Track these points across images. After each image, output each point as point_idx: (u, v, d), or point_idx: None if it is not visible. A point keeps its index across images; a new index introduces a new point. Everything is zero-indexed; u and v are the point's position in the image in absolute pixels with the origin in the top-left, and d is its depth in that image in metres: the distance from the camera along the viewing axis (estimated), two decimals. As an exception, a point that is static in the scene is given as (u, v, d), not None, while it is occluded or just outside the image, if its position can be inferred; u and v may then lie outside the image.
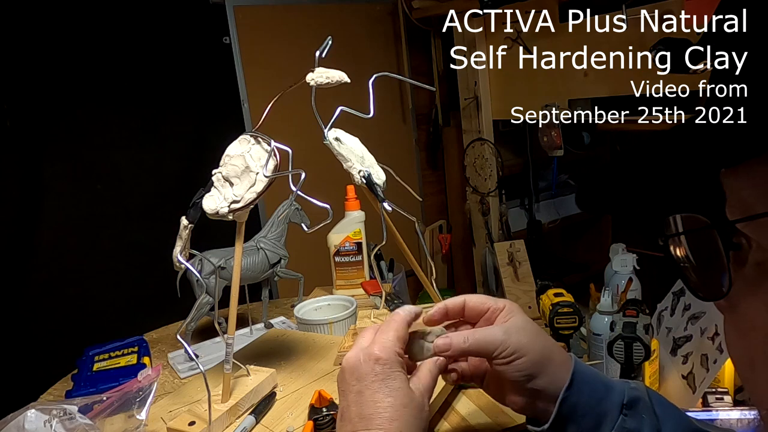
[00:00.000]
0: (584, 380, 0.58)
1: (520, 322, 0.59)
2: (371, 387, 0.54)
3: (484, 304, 0.62)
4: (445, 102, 2.62)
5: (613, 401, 0.57)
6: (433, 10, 2.38)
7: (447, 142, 2.67)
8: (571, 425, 0.57)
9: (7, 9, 1.73)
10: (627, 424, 0.56)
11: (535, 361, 0.57)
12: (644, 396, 0.58)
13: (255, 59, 2.19)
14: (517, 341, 0.57)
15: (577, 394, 0.57)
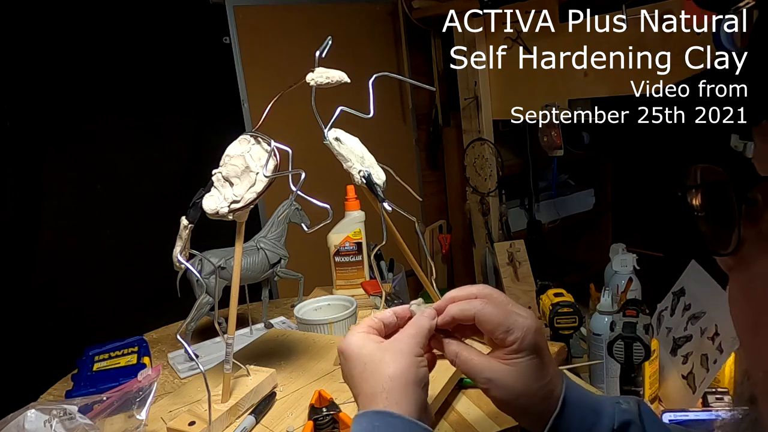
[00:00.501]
0: (575, 407, 0.56)
1: (510, 376, 0.55)
2: (348, 374, 0.56)
3: (493, 333, 0.56)
4: (445, 102, 2.62)
5: (602, 427, 0.55)
6: (433, 10, 2.38)
7: (447, 142, 2.67)
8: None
9: (7, 9, 1.73)
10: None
11: (514, 408, 0.56)
12: (635, 419, 0.57)
13: (255, 59, 2.19)
14: (497, 394, 0.55)
15: (566, 423, 0.55)
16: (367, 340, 0.56)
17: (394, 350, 0.54)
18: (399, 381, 0.52)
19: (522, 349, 0.55)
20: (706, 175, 0.35)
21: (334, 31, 0.79)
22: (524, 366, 0.55)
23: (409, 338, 0.55)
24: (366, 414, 0.51)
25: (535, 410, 0.56)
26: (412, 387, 0.52)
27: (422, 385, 0.54)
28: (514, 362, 0.55)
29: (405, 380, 0.52)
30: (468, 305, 0.58)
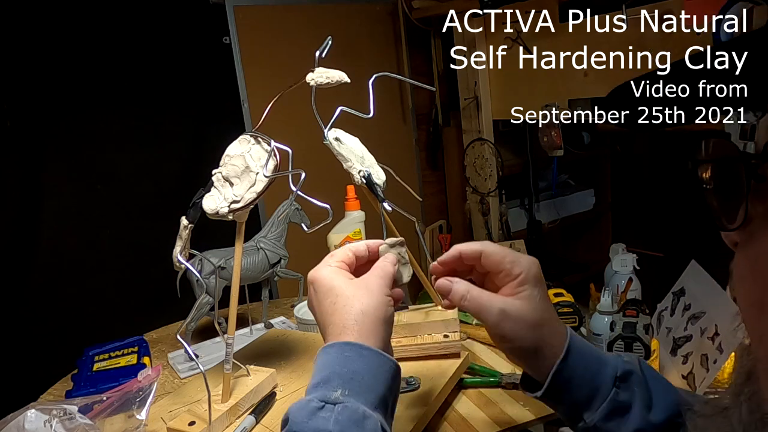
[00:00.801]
0: (578, 355, 0.58)
1: (521, 307, 0.58)
2: (317, 303, 0.59)
3: (499, 264, 0.60)
4: (445, 102, 2.62)
5: (606, 375, 0.58)
6: (433, 10, 2.38)
7: (447, 142, 2.67)
8: (565, 395, 0.59)
9: (7, 9, 1.73)
10: (619, 396, 0.57)
11: (521, 351, 0.59)
12: (637, 370, 0.59)
13: (255, 59, 2.19)
14: (508, 328, 0.57)
15: (570, 368, 0.58)
16: (338, 274, 0.59)
17: (366, 288, 0.57)
18: (370, 317, 0.55)
19: (528, 281, 0.58)
20: (718, 149, 0.34)
21: (334, 31, 0.79)
22: (532, 296, 0.58)
23: (378, 279, 0.58)
24: (336, 344, 0.53)
25: (543, 348, 0.58)
26: (381, 323, 0.55)
27: (389, 323, 0.57)
28: (522, 294, 0.58)
29: (375, 317, 0.55)
30: (474, 245, 0.62)
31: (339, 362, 0.52)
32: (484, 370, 0.92)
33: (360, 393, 0.51)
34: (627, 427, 0.57)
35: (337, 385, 0.51)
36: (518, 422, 0.79)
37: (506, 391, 0.87)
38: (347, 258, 0.62)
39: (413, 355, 0.87)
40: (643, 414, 0.57)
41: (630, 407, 0.57)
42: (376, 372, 0.53)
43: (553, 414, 0.81)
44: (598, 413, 0.57)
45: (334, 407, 0.49)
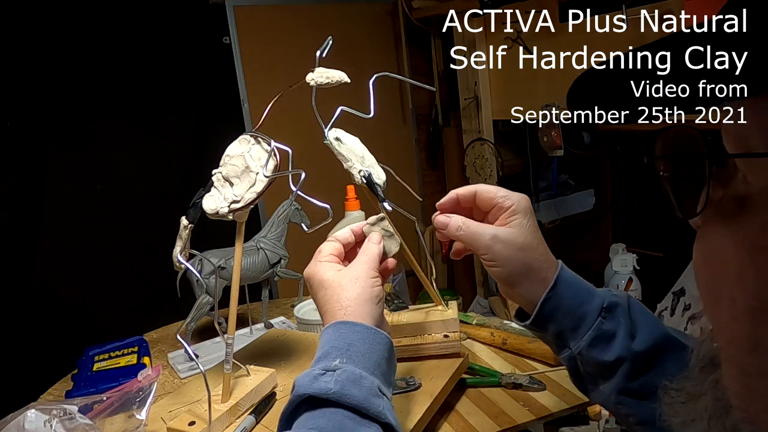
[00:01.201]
0: (567, 285, 0.63)
1: (511, 232, 0.63)
2: (314, 298, 0.63)
3: (492, 199, 0.66)
4: (445, 102, 2.62)
5: (593, 305, 0.62)
6: (433, 10, 2.38)
7: (447, 142, 2.67)
8: (551, 324, 0.63)
9: (7, 9, 1.73)
10: (604, 326, 0.61)
11: (512, 273, 0.63)
12: (624, 302, 0.63)
13: (255, 59, 2.19)
14: (498, 252, 0.62)
15: (559, 297, 0.62)
16: (327, 268, 0.63)
17: (351, 276, 0.61)
18: (356, 300, 0.60)
19: (518, 211, 0.65)
20: (679, 136, 0.34)
21: (334, 31, 0.79)
22: (522, 225, 0.64)
23: (362, 265, 0.63)
24: (330, 326, 0.59)
25: (533, 272, 0.62)
26: (368, 304, 0.60)
27: (377, 302, 0.61)
28: (513, 222, 0.64)
29: (361, 299, 0.60)
30: (468, 187, 0.68)
31: (335, 338, 0.57)
32: (484, 370, 0.92)
33: (356, 360, 0.56)
34: (610, 354, 0.61)
35: (335, 356, 0.56)
36: (518, 422, 0.79)
37: (506, 391, 0.87)
38: (334, 249, 0.66)
39: (413, 355, 0.87)
40: (626, 343, 0.61)
41: (614, 336, 0.61)
42: (370, 342, 0.57)
43: (553, 414, 0.81)
44: (584, 341, 0.62)
45: (333, 372, 0.54)
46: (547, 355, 0.93)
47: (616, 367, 0.61)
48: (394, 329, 0.86)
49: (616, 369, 0.61)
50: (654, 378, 0.59)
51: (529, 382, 0.86)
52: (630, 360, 0.60)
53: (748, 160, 0.28)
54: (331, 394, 0.52)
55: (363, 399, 0.53)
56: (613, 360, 0.61)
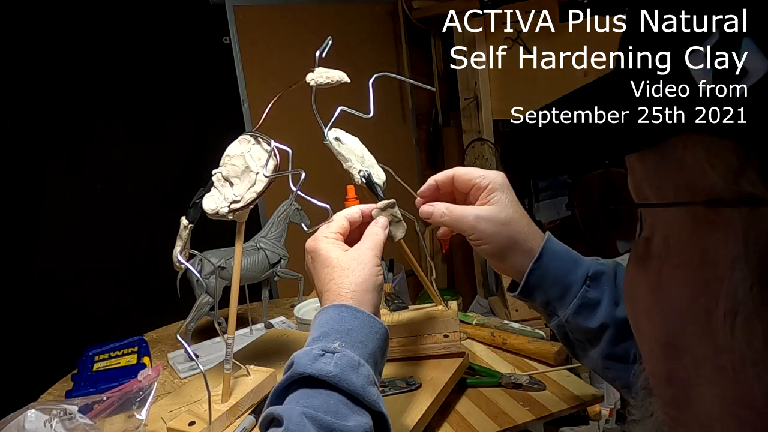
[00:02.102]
0: (553, 255, 0.66)
1: (493, 209, 0.66)
2: (314, 271, 0.64)
3: (470, 180, 0.68)
4: (445, 102, 2.62)
5: (578, 274, 0.65)
6: (433, 10, 2.38)
7: (447, 142, 2.67)
8: (539, 293, 0.66)
9: (7, 9, 1.73)
10: (589, 294, 0.64)
11: (497, 248, 0.66)
12: (609, 270, 0.65)
13: (255, 59, 2.19)
14: (483, 230, 0.65)
15: (544, 267, 0.65)
16: (334, 246, 0.64)
17: (358, 260, 0.62)
18: (362, 286, 0.60)
19: (495, 188, 0.66)
20: (602, 179, 0.35)
21: (334, 31, 0.79)
22: (501, 201, 0.66)
23: (370, 251, 0.63)
24: (333, 306, 0.59)
25: (518, 244, 0.65)
26: (372, 292, 0.61)
27: (379, 290, 0.63)
28: (492, 200, 0.66)
29: (366, 286, 0.61)
30: (446, 171, 0.70)
31: (336, 320, 0.58)
32: (484, 370, 0.92)
33: (355, 346, 0.56)
34: (594, 321, 0.63)
35: (335, 339, 0.56)
36: (518, 422, 0.79)
37: (506, 391, 0.87)
38: (342, 228, 0.67)
39: (413, 355, 0.87)
40: (610, 310, 0.63)
41: (599, 303, 0.63)
42: (368, 331, 0.58)
43: (553, 414, 0.81)
44: (570, 309, 0.64)
45: (333, 355, 0.54)
46: (547, 355, 0.93)
47: (601, 333, 0.64)
48: (394, 329, 0.86)
49: (601, 335, 0.64)
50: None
51: (529, 382, 0.86)
52: (613, 326, 0.63)
53: (646, 211, 0.30)
54: (331, 377, 0.53)
55: (360, 386, 0.53)
56: (598, 326, 0.63)
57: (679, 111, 0.24)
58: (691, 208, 0.26)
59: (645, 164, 0.29)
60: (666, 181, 0.27)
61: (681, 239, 0.27)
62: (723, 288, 0.25)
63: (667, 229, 0.28)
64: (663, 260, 0.29)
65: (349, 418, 0.52)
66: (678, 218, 0.27)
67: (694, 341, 0.27)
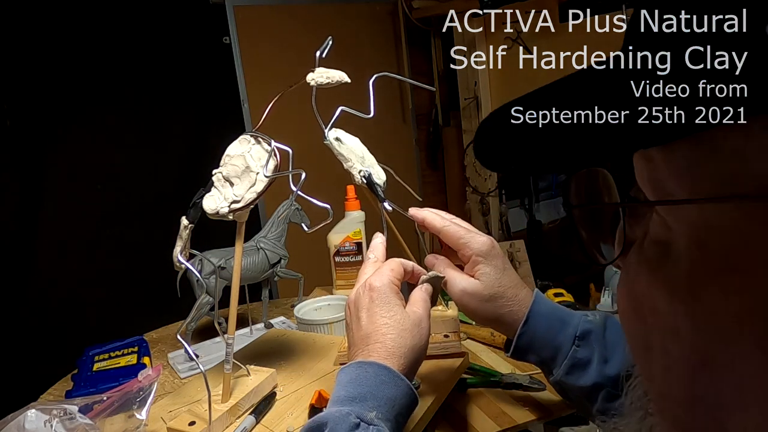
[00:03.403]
0: (541, 317, 0.66)
1: (476, 286, 0.66)
2: (370, 311, 0.61)
3: (455, 244, 0.68)
4: (445, 102, 2.62)
5: (567, 333, 0.65)
6: (433, 10, 2.38)
7: (447, 142, 2.67)
8: (531, 355, 0.67)
9: (7, 9, 1.73)
10: (578, 354, 0.64)
11: (483, 321, 0.68)
12: (597, 328, 0.65)
13: (255, 59, 2.19)
14: (467, 304, 0.66)
15: (532, 330, 0.66)
16: (396, 295, 0.62)
17: (419, 326, 0.61)
18: (415, 354, 0.59)
19: (479, 261, 0.66)
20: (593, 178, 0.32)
21: (334, 31, 0.79)
22: (485, 274, 0.66)
23: (427, 321, 0.62)
24: (376, 365, 0.56)
25: (503, 317, 0.66)
26: (420, 361, 0.61)
27: (423, 360, 0.62)
28: (477, 272, 0.66)
29: (419, 355, 0.60)
30: (436, 220, 0.70)
31: (376, 384, 0.55)
32: (484, 370, 0.92)
33: (389, 419, 0.55)
34: (586, 380, 0.63)
35: (372, 407, 0.54)
36: (518, 422, 0.79)
37: (506, 391, 0.87)
38: (401, 276, 0.66)
39: (413, 355, 0.87)
40: (601, 368, 0.63)
41: (589, 362, 0.64)
42: (405, 404, 0.57)
43: (553, 414, 0.81)
44: (562, 369, 0.65)
45: (369, 428, 0.52)
46: (547, 355, 0.93)
47: (596, 391, 0.63)
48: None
49: (597, 393, 0.64)
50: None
51: (529, 382, 0.86)
52: (606, 384, 0.63)
53: (671, 210, 0.26)
54: None
55: None
56: (591, 385, 0.63)
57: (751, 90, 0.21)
58: (738, 202, 0.23)
59: (676, 157, 0.25)
60: (709, 174, 0.24)
61: (724, 240, 0.24)
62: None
63: (700, 230, 0.25)
64: (696, 267, 0.25)
65: None
66: (719, 216, 0.24)
67: (741, 359, 0.24)
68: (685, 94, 0.23)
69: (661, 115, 0.23)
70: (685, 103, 0.23)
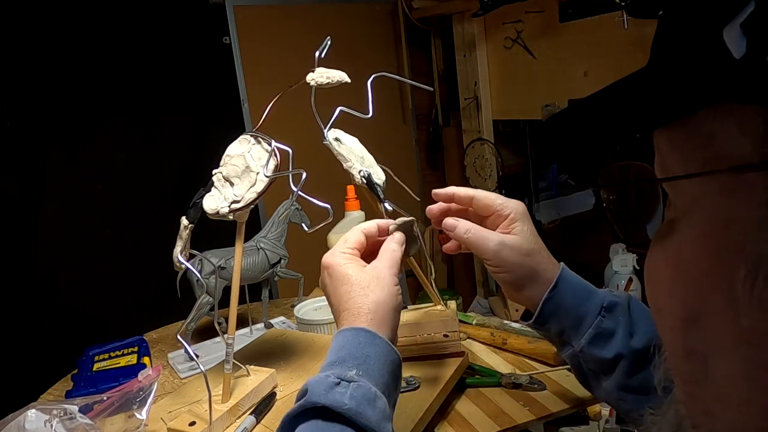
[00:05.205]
0: (568, 285, 0.66)
1: (516, 239, 0.65)
2: (332, 288, 0.62)
3: (491, 206, 0.67)
4: (445, 102, 2.62)
5: (593, 304, 0.65)
6: (433, 10, 2.38)
7: (447, 142, 2.67)
8: (553, 323, 0.66)
9: (7, 9, 1.73)
10: (604, 324, 0.64)
11: (517, 278, 0.66)
12: (623, 302, 0.65)
13: (255, 59, 2.19)
14: (505, 258, 0.65)
15: (560, 296, 0.65)
16: (352, 262, 0.63)
17: (377, 278, 0.61)
18: (382, 307, 0.59)
19: (517, 219, 0.66)
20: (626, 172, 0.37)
21: (334, 31, 0.79)
22: (523, 231, 0.66)
23: (388, 270, 0.62)
24: (351, 329, 0.57)
25: (537, 275, 0.65)
26: (392, 312, 0.60)
27: (399, 311, 0.61)
28: (515, 229, 0.66)
29: (387, 307, 0.59)
30: (466, 189, 0.70)
31: (354, 345, 0.56)
32: (484, 369, 0.92)
33: (371, 375, 0.55)
34: (609, 351, 0.63)
35: (351, 366, 0.54)
36: (518, 422, 0.79)
37: (506, 391, 0.87)
38: (359, 243, 0.65)
39: (413, 355, 0.87)
40: (625, 340, 0.63)
41: (613, 334, 0.63)
42: (384, 360, 0.56)
43: (553, 414, 0.81)
44: (584, 338, 0.64)
45: (349, 384, 0.52)
46: (547, 355, 0.93)
47: (615, 363, 0.63)
48: (394, 329, 0.86)
49: (616, 365, 0.63)
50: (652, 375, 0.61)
51: (529, 382, 0.86)
52: (628, 357, 0.63)
53: (673, 186, 0.31)
54: (346, 410, 0.50)
55: (376, 422, 0.51)
56: (612, 357, 0.63)
57: (711, 81, 0.25)
58: (717, 177, 0.27)
59: (673, 140, 0.30)
60: (694, 154, 0.28)
61: (705, 209, 0.28)
62: (745, 250, 0.26)
63: (691, 203, 0.29)
64: (685, 234, 0.30)
65: None
66: (703, 189, 0.28)
67: (715, 310, 0.28)
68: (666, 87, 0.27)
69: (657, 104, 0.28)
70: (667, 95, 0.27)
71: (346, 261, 0.62)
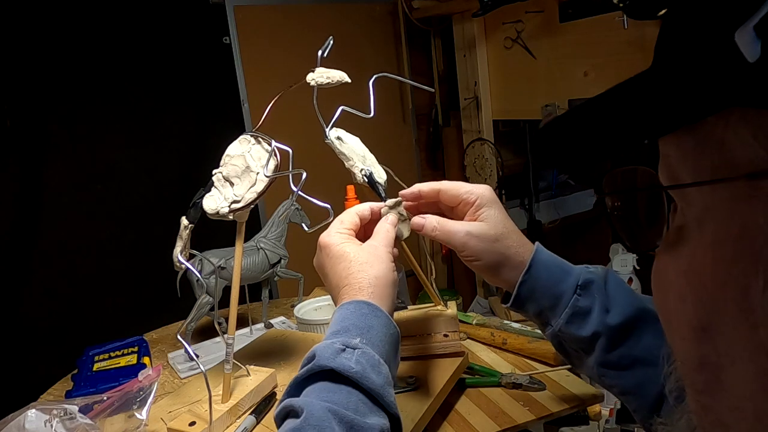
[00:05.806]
0: (543, 266, 0.66)
1: (482, 226, 0.66)
2: (330, 266, 0.63)
3: (457, 195, 0.68)
4: (445, 102, 2.62)
5: (568, 283, 0.65)
6: (433, 10, 2.38)
7: (447, 142, 2.67)
8: (531, 304, 0.67)
9: (7, 9, 1.73)
10: (580, 303, 0.64)
11: (489, 264, 0.66)
12: (599, 279, 0.66)
13: (255, 59, 2.19)
14: (474, 246, 0.66)
15: (534, 278, 0.66)
16: (349, 240, 0.65)
17: (376, 255, 0.63)
18: (381, 281, 0.61)
19: (483, 204, 0.67)
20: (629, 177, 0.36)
21: (334, 31, 0.79)
22: (490, 216, 0.67)
23: (384, 247, 0.64)
24: (354, 302, 0.59)
25: (509, 260, 0.66)
26: (391, 287, 0.62)
27: (395, 286, 0.63)
28: (481, 216, 0.67)
29: (386, 281, 0.61)
30: (432, 183, 0.70)
31: (357, 316, 0.57)
32: (484, 369, 0.92)
33: (374, 345, 0.56)
34: (586, 329, 0.64)
35: (356, 334, 0.56)
36: (518, 422, 0.79)
37: (506, 391, 0.87)
38: (354, 224, 0.67)
39: (413, 354, 0.87)
40: (602, 317, 0.64)
41: (590, 311, 0.64)
42: (386, 332, 0.58)
43: (553, 414, 0.81)
44: (562, 318, 0.65)
45: (354, 351, 0.54)
46: (547, 355, 0.93)
47: (594, 341, 0.64)
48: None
49: (594, 343, 0.64)
50: (631, 349, 0.63)
51: (529, 382, 0.86)
52: (606, 334, 0.63)
53: (680, 194, 0.30)
54: (353, 373, 0.52)
55: (380, 386, 0.53)
56: (590, 335, 0.64)
57: (724, 85, 0.24)
58: (729, 184, 0.26)
59: (682, 146, 0.29)
60: (704, 161, 0.27)
61: (718, 217, 0.27)
62: (761, 259, 0.25)
63: (702, 210, 0.28)
64: (697, 242, 0.29)
65: (369, 416, 0.52)
66: (715, 196, 0.27)
67: (729, 320, 0.27)
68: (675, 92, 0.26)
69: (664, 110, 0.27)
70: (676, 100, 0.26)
71: (343, 240, 0.64)
